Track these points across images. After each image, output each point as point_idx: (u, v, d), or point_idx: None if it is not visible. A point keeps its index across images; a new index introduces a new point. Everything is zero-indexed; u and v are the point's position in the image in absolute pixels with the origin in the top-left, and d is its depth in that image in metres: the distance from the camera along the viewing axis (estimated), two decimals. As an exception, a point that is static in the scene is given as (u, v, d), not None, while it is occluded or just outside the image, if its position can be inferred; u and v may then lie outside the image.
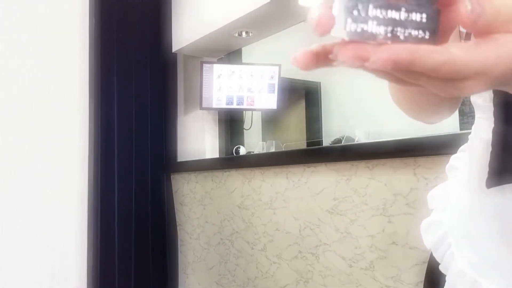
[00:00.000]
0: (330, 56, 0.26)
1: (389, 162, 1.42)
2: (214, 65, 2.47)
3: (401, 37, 0.26)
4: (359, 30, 0.25)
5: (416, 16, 0.26)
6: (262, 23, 2.15)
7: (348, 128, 3.04)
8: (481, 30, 0.26)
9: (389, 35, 0.25)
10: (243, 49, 2.74)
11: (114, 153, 2.33)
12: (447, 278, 0.52)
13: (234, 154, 2.57)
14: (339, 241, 1.59)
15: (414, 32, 0.26)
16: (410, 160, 1.36)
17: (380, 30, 0.25)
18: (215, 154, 2.62)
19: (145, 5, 2.50)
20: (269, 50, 3.13)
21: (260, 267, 1.95)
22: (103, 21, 2.36)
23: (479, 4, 0.25)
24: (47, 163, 2.24)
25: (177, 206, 2.55)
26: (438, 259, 0.55)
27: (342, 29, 0.25)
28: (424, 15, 0.26)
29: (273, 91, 2.52)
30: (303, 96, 4.27)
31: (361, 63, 0.25)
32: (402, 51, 0.24)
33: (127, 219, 2.35)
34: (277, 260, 1.86)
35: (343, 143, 2.42)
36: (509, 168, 0.43)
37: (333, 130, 3.83)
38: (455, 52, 0.25)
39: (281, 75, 2.53)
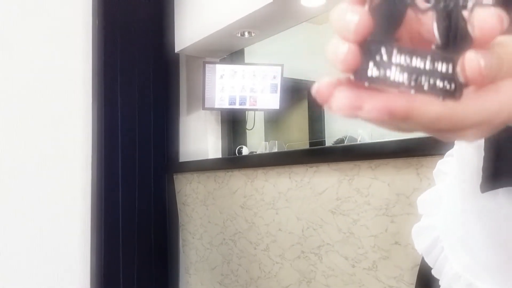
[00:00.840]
0: (325, 106, 0.25)
1: (392, 162, 1.41)
2: (217, 65, 2.47)
3: (425, 86, 0.24)
4: (381, 76, 0.24)
5: (442, 67, 0.24)
6: (264, 23, 2.15)
7: (350, 128, 3.04)
8: (487, 82, 0.24)
9: (412, 83, 0.24)
10: (246, 49, 2.74)
11: (118, 153, 2.34)
12: (440, 282, 0.52)
13: (237, 154, 2.57)
14: (341, 241, 1.59)
15: (439, 83, 0.24)
16: (413, 160, 1.35)
17: (404, 78, 0.24)
18: (218, 154, 2.62)
19: (148, 5, 2.50)
20: (271, 50, 3.14)
21: (262, 267, 1.95)
22: (106, 21, 2.36)
23: (483, 57, 0.23)
24: (50, 163, 2.25)
25: (179, 206, 2.55)
26: (430, 264, 0.55)
27: (364, 73, 0.24)
28: (450, 66, 0.24)
29: (276, 91, 2.52)
30: (306, 96, 4.27)
31: (355, 112, 0.24)
32: (398, 101, 0.23)
33: (130, 219, 2.35)
34: (279, 260, 1.86)
35: (345, 143, 2.42)
36: (503, 172, 0.43)
37: (335, 130, 3.82)
38: (453, 105, 0.24)
39: (284, 75, 2.53)
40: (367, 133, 2.49)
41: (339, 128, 3.82)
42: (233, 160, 2.24)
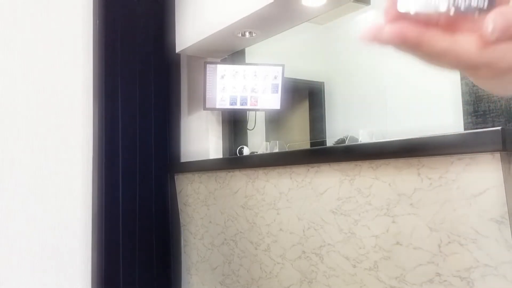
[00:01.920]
0: (359, 37, 0.29)
1: (393, 162, 1.41)
2: (218, 65, 2.47)
3: (462, 7, 0.28)
4: (421, 6, 0.28)
5: None
6: (265, 23, 2.15)
7: (351, 128, 3.03)
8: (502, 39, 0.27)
9: (451, 6, 0.28)
10: (246, 49, 2.74)
11: (118, 153, 2.34)
12: None
13: (238, 155, 2.57)
14: (343, 241, 1.59)
15: (473, 2, 0.27)
16: (414, 160, 1.35)
17: (443, 2, 0.28)
18: (219, 155, 2.62)
19: (149, 6, 2.51)
20: (272, 50, 3.13)
21: (264, 267, 1.95)
22: (107, 22, 2.36)
23: (504, 21, 0.26)
24: (51, 165, 2.25)
25: (181, 206, 2.55)
26: None
27: (406, 3, 0.28)
28: None
29: (277, 91, 2.52)
30: (307, 96, 4.27)
31: (378, 35, 0.28)
32: (411, 31, 0.27)
33: (131, 219, 2.35)
34: (281, 260, 1.86)
35: (346, 143, 2.41)
36: None
37: (336, 130, 3.82)
38: (463, 42, 0.27)
39: (285, 75, 2.53)
40: (368, 133, 2.48)
41: (340, 128, 3.82)
42: (234, 160, 2.24)
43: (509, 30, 0.26)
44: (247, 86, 2.49)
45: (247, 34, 2.28)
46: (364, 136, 2.47)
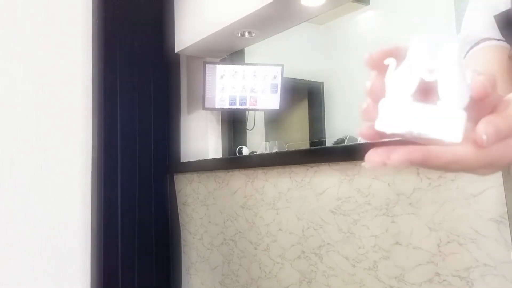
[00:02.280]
0: (362, 164, 0.32)
1: (392, 162, 1.41)
2: (217, 65, 2.47)
3: (432, 134, 0.30)
4: (395, 128, 0.30)
5: (444, 120, 0.30)
6: (265, 23, 2.15)
7: (351, 127, 3.04)
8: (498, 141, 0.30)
9: (422, 131, 0.30)
10: (246, 49, 2.75)
11: (117, 153, 2.33)
12: None
13: (237, 154, 2.57)
14: (342, 241, 1.59)
15: (440, 135, 0.30)
16: (413, 160, 1.35)
17: (412, 129, 0.30)
18: (218, 155, 2.62)
19: (148, 5, 2.51)
20: (271, 50, 3.14)
21: (263, 267, 1.95)
22: (106, 22, 2.36)
23: (490, 126, 0.29)
24: (51, 165, 2.25)
25: (180, 206, 2.55)
26: None
27: (382, 124, 0.31)
28: (454, 116, 0.29)
29: (276, 91, 2.52)
30: (306, 96, 4.27)
31: (384, 165, 0.30)
32: (416, 152, 0.29)
33: (131, 219, 2.35)
34: (280, 260, 1.86)
35: (346, 143, 2.41)
36: None
37: (336, 130, 3.82)
38: (462, 152, 0.30)
39: (284, 75, 2.53)
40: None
41: (340, 128, 3.83)
42: (234, 160, 2.24)
43: (500, 135, 0.29)
44: (247, 86, 2.50)
45: (246, 34, 2.28)
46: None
